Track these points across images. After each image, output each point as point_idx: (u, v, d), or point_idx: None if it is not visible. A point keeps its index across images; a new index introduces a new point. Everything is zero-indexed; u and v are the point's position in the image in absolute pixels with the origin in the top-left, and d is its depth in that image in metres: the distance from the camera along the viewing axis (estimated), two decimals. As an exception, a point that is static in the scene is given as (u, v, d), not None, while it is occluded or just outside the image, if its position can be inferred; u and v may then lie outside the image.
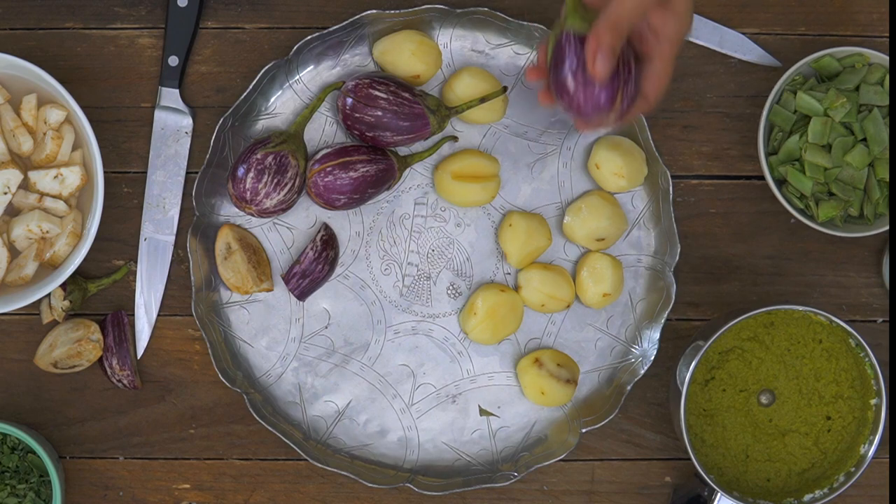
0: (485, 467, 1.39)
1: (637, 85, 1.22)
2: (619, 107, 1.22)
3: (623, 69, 1.21)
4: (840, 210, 1.35)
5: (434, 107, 1.35)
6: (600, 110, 1.22)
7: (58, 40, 1.39)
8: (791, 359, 1.35)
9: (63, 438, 1.40)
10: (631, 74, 1.22)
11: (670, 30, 1.20)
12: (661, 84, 1.23)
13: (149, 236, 1.39)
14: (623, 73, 1.21)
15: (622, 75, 1.21)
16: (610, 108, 1.22)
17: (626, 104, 1.22)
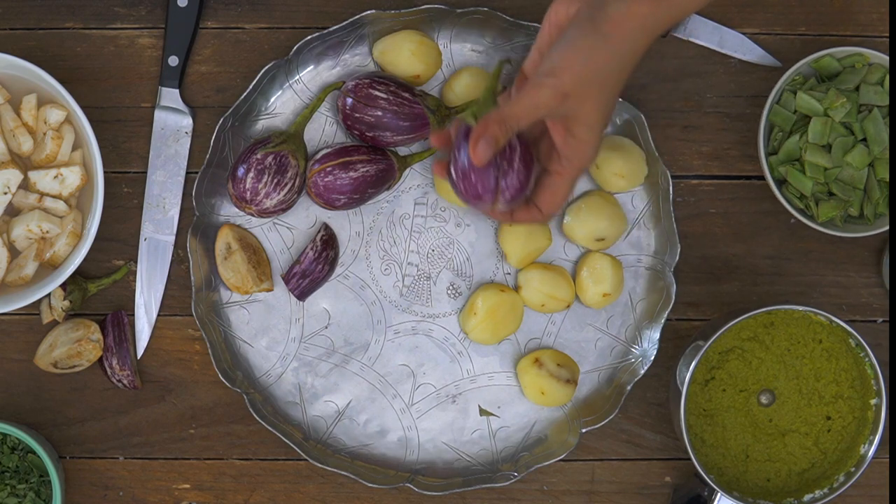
0: (485, 467, 1.39)
1: (522, 189, 1.25)
2: (498, 200, 1.25)
3: (503, 165, 1.24)
4: (840, 210, 1.35)
5: (434, 107, 1.35)
6: (478, 199, 1.25)
7: (58, 40, 1.39)
8: (791, 359, 1.35)
9: (63, 438, 1.40)
10: (512, 172, 1.24)
11: (570, 152, 1.23)
12: (554, 199, 1.26)
13: (149, 236, 1.39)
14: (503, 168, 1.24)
15: (501, 170, 1.24)
16: (488, 198, 1.24)
17: (507, 200, 1.25)
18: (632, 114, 1.38)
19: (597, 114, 1.21)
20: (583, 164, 1.24)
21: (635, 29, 1.20)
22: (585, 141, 1.22)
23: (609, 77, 1.21)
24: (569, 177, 1.25)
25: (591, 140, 1.23)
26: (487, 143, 1.21)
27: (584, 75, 1.20)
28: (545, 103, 1.20)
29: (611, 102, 1.23)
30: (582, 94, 1.20)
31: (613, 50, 1.20)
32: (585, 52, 1.20)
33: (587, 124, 1.22)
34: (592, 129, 1.22)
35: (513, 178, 1.24)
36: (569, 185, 1.26)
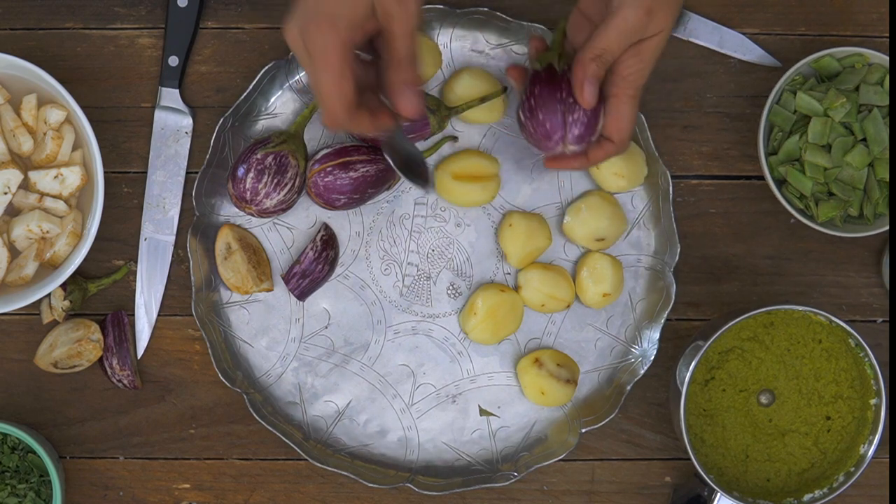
0: (485, 467, 1.39)
1: (590, 124, 1.24)
2: (567, 138, 1.24)
3: (568, 100, 1.23)
4: (840, 210, 1.35)
5: (434, 107, 1.35)
6: (548, 138, 1.25)
7: (58, 40, 1.39)
8: (791, 359, 1.35)
9: (63, 438, 1.40)
10: (577, 105, 1.23)
11: (630, 71, 1.21)
12: (620, 123, 1.24)
13: (149, 236, 1.39)
14: (568, 103, 1.23)
15: (567, 105, 1.23)
16: (558, 137, 1.24)
17: (575, 136, 1.24)
18: (632, 114, 1.38)
19: (669, 31, 1.20)
20: (641, 81, 1.22)
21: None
22: (650, 60, 1.21)
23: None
24: (630, 97, 1.23)
25: (654, 55, 1.21)
26: (591, 83, 1.20)
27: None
28: (633, 26, 1.19)
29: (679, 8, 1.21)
30: (662, 10, 1.19)
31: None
32: None
33: (657, 43, 1.20)
34: (659, 47, 1.20)
35: (579, 112, 1.24)
36: (631, 107, 1.23)
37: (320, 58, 1.15)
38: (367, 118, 1.19)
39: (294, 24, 1.16)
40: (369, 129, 1.20)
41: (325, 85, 1.16)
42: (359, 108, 1.18)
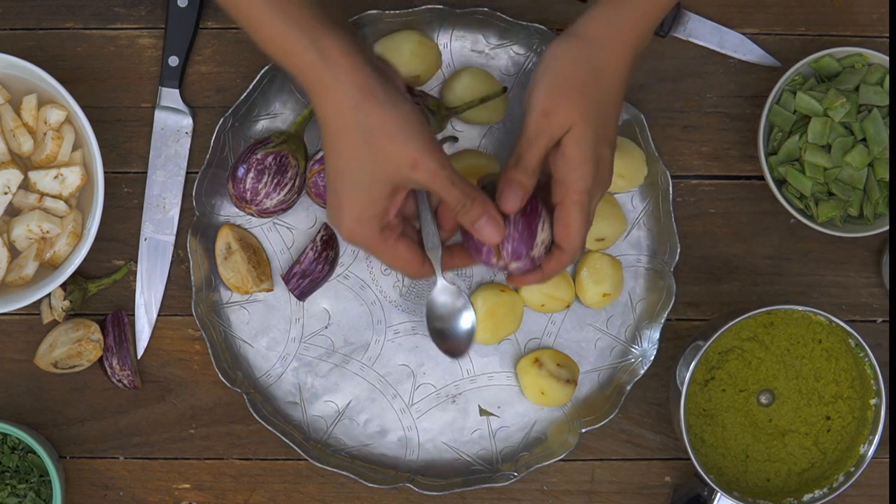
0: (485, 467, 1.39)
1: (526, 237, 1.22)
2: (503, 255, 1.23)
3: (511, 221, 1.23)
4: (840, 210, 1.35)
5: (434, 107, 1.35)
6: (479, 254, 1.24)
7: (58, 40, 1.39)
8: (791, 359, 1.35)
9: (63, 438, 1.40)
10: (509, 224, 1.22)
11: (564, 174, 1.20)
12: (566, 230, 1.21)
13: (149, 236, 1.39)
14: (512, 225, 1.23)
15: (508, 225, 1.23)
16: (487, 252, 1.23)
17: (511, 251, 1.22)
18: (632, 114, 1.38)
19: (584, 125, 1.18)
20: (577, 186, 1.19)
21: (600, 33, 1.19)
22: (577, 159, 1.19)
23: (587, 83, 1.18)
24: (572, 203, 1.20)
25: (582, 160, 1.19)
26: (510, 188, 1.21)
27: (553, 85, 1.19)
28: (535, 131, 1.19)
29: (601, 113, 1.19)
30: (559, 106, 1.18)
31: (580, 55, 1.19)
32: (552, 64, 1.20)
33: (574, 139, 1.18)
34: (580, 144, 1.18)
35: (509, 227, 1.22)
36: (577, 213, 1.20)
37: (371, 250, 1.22)
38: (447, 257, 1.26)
39: (333, 224, 1.22)
40: (450, 268, 1.26)
41: (391, 264, 1.23)
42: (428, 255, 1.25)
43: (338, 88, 1.16)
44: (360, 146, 1.17)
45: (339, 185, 1.19)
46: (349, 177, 1.18)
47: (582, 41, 1.20)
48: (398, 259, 1.22)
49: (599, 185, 1.21)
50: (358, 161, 1.17)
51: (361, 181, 1.18)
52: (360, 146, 1.17)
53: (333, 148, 1.18)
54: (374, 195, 1.18)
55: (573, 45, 1.20)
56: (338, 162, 1.18)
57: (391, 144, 1.16)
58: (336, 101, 1.17)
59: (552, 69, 1.20)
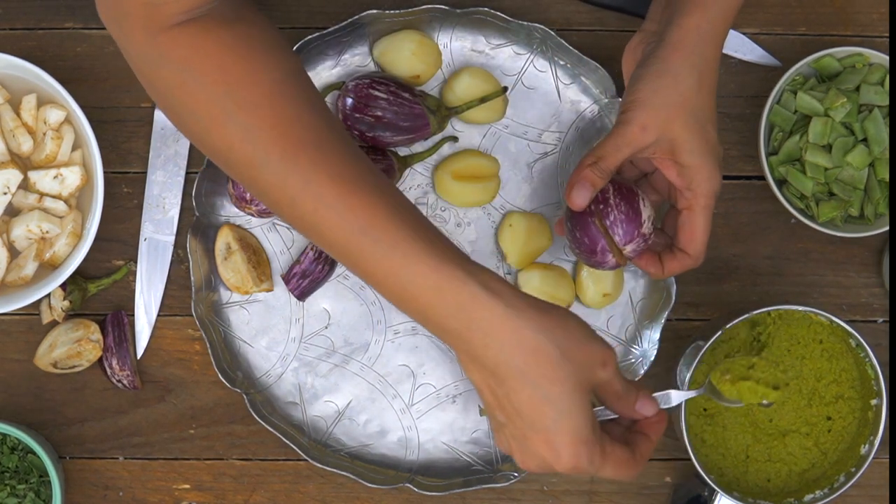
0: (485, 467, 1.39)
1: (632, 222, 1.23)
2: (614, 243, 1.24)
3: (599, 207, 1.23)
4: (840, 210, 1.35)
5: (434, 107, 1.35)
6: (593, 252, 1.25)
7: (58, 40, 1.39)
8: (791, 359, 1.34)
9: (63, 438, 1.40)
10: (610, 209, 1.23)
11: (685, 182, 1.21)
12: (692, 235, 1.23)
13: (149, 236, 1.39)
14: (602, 212, 1.23)
15: (600, 214, 1.23)
16: (602, 247, 1.24)
17: (623, 240, 1.23)
18: (632, 114, 1.38)
19: (690, 135, 1.20)
20: (705, 190, 1.21)
21: (694, 42, 1.20)
22: (696, 166, 1.21)
23: (687, 96, 1.19)
24: (698, 208, 1.22)
25: (702, 164, 1.20)
26: (582, 186, 1.21)
27: (655, 102, 1.20)
28: (627, 140, 1.20)
29: (703, 121, 1.20)
30: (662, 121, 1.20)
31: (679, 69, 1.20)
32: (651, 80, 1.20)
33: (687, 149, 1.20)
34: (695, 152, 1.20)
35: (614, 214, 1.23)
36: (701, 218, 1.22)
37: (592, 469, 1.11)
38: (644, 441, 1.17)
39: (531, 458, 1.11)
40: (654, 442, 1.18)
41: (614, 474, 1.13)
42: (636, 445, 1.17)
43: (513, 315, 1.07)
44: (560, 364, 1.08)
45: (544, 418, 1.08)
46: (557, 404, 1.08)
47: (682, 53, 1.20)
48: (620, 465, 1.12)
49: (720, 185, 1.23)
50: (560, 382, 1.08)
51: (572, 401, 1.09)
52: (560, 364, 1.08)
53: (524, 380, 1.08)
54: (586, 409, 1.09)
55: (674, 58, 1.20)
56: (535, 392, 1.08)
57: (583, 350, 1.10)
58: (514, 327, 1.07)
59: (649, 81, 1.20)
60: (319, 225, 1.10)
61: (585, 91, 1.39)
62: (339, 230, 1.10)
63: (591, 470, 1.11)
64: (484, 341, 1.08)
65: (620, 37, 1.39)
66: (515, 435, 1.11)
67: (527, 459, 1.12)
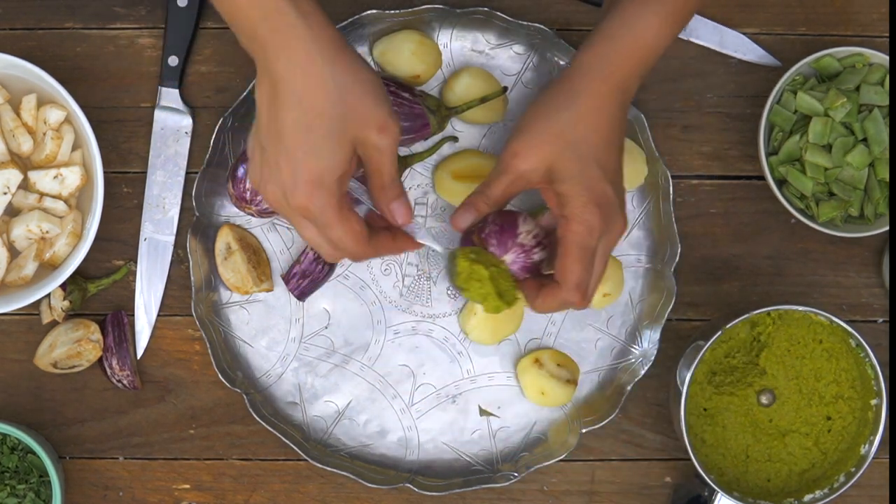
0: (485, 467, 1.39)
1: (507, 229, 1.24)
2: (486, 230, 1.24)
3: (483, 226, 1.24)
4: (840, 210, 1.35)
5: (434, 107, 1.35)
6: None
7: (58, 40, 1.39)
8: (791, 359, 1.35)
9: (63, 438, 1.40)
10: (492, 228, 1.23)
11: (562, 211, 1.20)
12: (562, 265, 1.19)
13: (149, 236, 1.39)
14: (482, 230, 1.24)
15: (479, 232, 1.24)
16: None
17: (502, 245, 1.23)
18: (632, 114, 1.38)
19: (566, 165, 1.18)
20: (578, 220, 1.19)
21: (578, 76, 1.20)
22: (569, 195, 1.19)
23: (563, 128, 1.19)
24: (569, 236, 1.19)
25: (577, 194, 1.18)
26: (465, 209, 1.23)
27: (529, 130, 1.20)
28: (502, 167, 1.21)
29: (584, 154, 1.19)
30: (535, 148, 1.19)
31: (559, 102, 1.20)
32: (531, 110, 1.21)
33: (560, 178, 1.19)
34: (568, 181, 1.18)
35: (489, 228, 1.23)
36: (573, 248, 1.19)
37: (320, 219, 1.14)
38: (387, 240, 1.21)
39: (273, 186, 1.14)
40: (393, 251, 1.22)
41: (340, 240, 1.15)
42: (374, 235, 1.19)
43: (311, 38, 1.10)
44: (332, 102, 1.10)
45: (298, 146, 1.11)
46: (315, 138, 1.11)
47: (565, 87, 1.21)
48: (350, 233, 1.15)
49: (609, 225, 1.20)
50: (327, 118, 1.11)
51: (331, 142, 1.12)
52: (332, 102, 1.10)
53: (296, 102, 1.10)
54: (339, 156, 1.12)
55: (557, 87, 1.21)
56: (301, 117, 1.10)
57: (363, 103, 1.12)
58: (308, 51, 1.10)
59: (533, 109, 1.21)
60: None
61: (585, 91, 1.39)
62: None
63: (321, 219, 1.13)
64: (277, 54, 1.10)
65: (620, 37, 1.39)
66: (268, 160, 1.13)
67: (269, 186, 1.13)
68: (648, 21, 1.20)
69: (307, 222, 1.15)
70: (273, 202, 1.14)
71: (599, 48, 1.20)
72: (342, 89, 1.11)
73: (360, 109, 1.12)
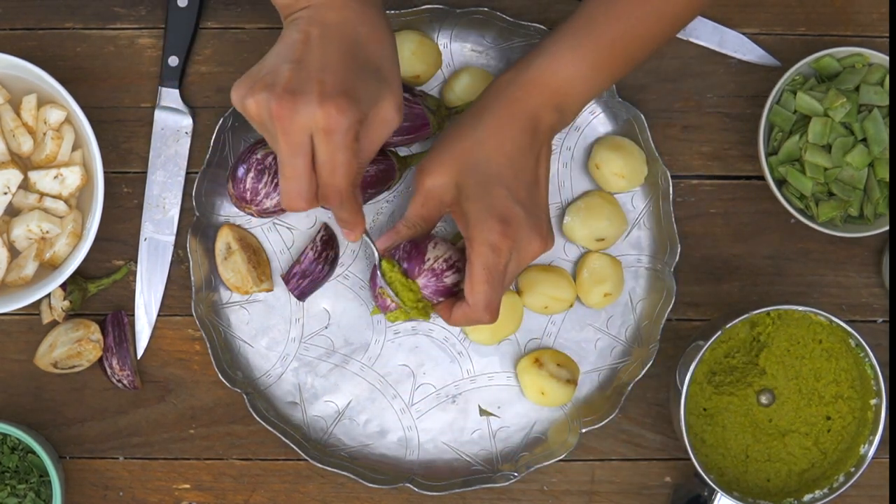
0: (485, 467, 1.39)
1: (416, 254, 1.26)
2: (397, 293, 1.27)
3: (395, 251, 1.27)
4: (840, 210, 1.35)
5: (434, 107, 1.35)
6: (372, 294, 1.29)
7: (58, 40, 1.39)
8: (791, 359, 1.35)
9: (63, 438, 1.40)
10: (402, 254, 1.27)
11: (465, 231, 1.22)
12: (473, 282, 1.22)
13: (149, 236, 1.39)
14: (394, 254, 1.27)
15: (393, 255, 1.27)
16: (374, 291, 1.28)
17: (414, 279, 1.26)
18: (632, 114, 1.38)
19: (468, 183, 1.21)
20: (479, 239, 1.21)
21: (491, 98, 1.22)
22: (470, 213, 1.21)
23: (468, 147, 1.21)
24: (472, 255, 1.21)
25: (478, 213, 1.20)
26: (387, 232, 1.26)
27: (436, 149, 1.23)
28: (416, 187, 1.24)
29: (487, 173, 1.21)
30: (439, 167, 1.22)
31: (466, 122, 1.23)
32: (444, 131, 1.24)
33: (464, 195, 1.21)
34: (471, 199, 1.21)
35: (399, 253, 1.26)
36: (477, 265, 1.21)
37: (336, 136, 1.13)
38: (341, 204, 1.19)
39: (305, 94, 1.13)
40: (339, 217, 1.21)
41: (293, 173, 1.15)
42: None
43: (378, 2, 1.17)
44: (383, 56, 1.16)
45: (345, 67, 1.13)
46: (363, 70, 1.14)
47: (475, 109, 1.24)
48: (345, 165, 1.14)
49: (519, 244, 1.22)
50: (374, 65, 1.15)
51: (372, 81, 1.15)
52: (383, 56, 1.16)
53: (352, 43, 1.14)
54: (375, 97, 1.14)
55: (471, 108, 1.24)
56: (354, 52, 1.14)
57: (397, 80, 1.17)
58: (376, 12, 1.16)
59: (447, 130, 1.25)
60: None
61: (585, 91, 1.39)
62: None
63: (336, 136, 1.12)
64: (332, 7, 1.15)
65: (620, 37, 1.39)
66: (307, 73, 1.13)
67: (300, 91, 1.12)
68: (567, 60, 1.22)
69: (302, 139, 1.13)
70: (288, 107, 1.12)
71: (513, 74, 1.24)
72: (392, 54, 1.17)
73: (393, 82, 1.16)
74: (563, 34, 1.23)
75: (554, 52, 1.23)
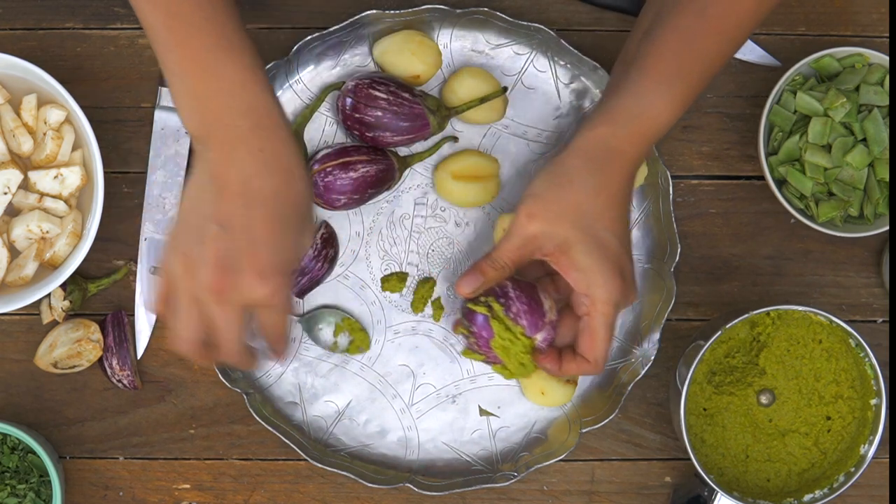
0: (485, 467, 1.39)
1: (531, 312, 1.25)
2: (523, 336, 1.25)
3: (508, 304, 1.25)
4: (840, 210, 1.35)
5: (434, 107, 1.35)
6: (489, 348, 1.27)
7: (58, 40, 1.39)
8: (791, 359, 1.35)
9: (63, 438, 1.40)
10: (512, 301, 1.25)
11: (581, 286, 1.21)
12: (592, 341, 1.22)
13: (149, 236, 1.39)
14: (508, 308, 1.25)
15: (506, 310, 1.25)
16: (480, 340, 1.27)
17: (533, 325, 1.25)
18: (632, 114, 1.38)
19: (582, 236, 1.19)
20: (602, 297, 1.20)
21: (596, 151, 1.20)
22: (590, 269, 1.20)
23: (580, 199, 1.19)
24: (596, 315, 1.21)
25: (598, 269, 1.19)
26: (472, 274, 1.23)
27: (545, 196, 1.20)
28: (515, 230, 1.20)
29: (598, 228, 1.20)
30: (552, 215, 1.19)
31: (575, 173, 1.20)
32: (545, 177, 1.21)
33: (580, 249, 1.19)
34: (587, 254, 1.19)
35: (516, 306, 1.24)
36: (601, 326, 1.21)
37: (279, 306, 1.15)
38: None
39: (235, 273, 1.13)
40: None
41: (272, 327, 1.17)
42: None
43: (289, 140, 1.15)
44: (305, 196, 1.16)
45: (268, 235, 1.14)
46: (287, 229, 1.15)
47: (581, 159, 1.20)
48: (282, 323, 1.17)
49: (625, 296, 1.22)
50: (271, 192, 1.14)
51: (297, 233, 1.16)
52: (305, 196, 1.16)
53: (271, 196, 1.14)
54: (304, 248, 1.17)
55: (573, 158, 1.20)
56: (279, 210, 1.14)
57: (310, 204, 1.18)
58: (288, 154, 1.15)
59: (548, 178, 1.21)
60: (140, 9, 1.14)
61: (585, 91, 1.39)
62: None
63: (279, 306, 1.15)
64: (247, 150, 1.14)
65: (620, 37, 1.39)
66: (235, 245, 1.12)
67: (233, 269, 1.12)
68: (664, 107, 1.20)
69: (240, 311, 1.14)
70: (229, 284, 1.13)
71: (612, 126, 1.20)
72: (308, 188, 1.16)
73: (309, 212, 1.17)
74: (657, 81, 1.20)
75: (652, 101, 1.19)
